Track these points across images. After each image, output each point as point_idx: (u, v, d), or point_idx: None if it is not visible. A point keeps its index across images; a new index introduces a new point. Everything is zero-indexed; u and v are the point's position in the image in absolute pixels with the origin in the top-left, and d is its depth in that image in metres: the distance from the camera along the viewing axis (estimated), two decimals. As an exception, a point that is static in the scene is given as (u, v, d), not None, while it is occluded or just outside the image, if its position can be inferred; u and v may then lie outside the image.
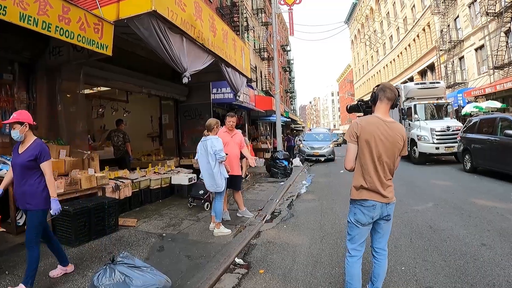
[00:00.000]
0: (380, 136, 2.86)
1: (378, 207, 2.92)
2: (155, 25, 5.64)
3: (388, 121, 2.92)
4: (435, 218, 6.32)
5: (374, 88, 3.09)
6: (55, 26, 4.40)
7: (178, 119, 12.55)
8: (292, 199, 8.96)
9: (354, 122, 2.98)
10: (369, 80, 58.03)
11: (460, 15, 26.84)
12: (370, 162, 2.89)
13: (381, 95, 2.96)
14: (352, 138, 2.94)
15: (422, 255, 4.55)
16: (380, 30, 48.85)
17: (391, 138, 2.88)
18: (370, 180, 2.90)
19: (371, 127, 2.88)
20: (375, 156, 2.87)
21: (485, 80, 23.23)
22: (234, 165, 6.45)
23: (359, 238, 3.05)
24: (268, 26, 30.80)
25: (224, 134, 6.49)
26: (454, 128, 14.66)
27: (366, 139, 2.86)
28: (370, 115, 3.02)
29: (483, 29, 23.10)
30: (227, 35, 9.03)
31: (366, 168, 2.91)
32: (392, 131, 2.89)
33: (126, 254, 3.18)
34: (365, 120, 2.95)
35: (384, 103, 2.96)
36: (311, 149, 20.62)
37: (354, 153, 2.96)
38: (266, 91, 29.47)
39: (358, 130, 2.89)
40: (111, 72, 8.31)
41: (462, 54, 27.03)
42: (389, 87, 2.98)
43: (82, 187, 5.51)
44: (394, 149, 2.91)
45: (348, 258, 3.09)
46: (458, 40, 26.97)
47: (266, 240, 5.51)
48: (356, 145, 2.93)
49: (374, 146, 2.86)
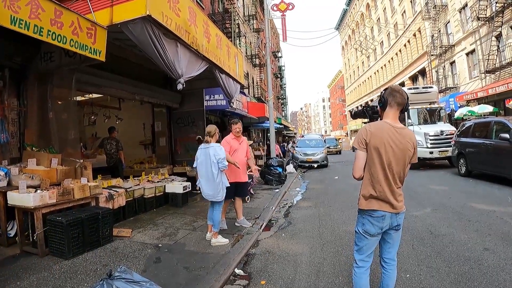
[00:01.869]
0: (391, 143, 2.74)
1: (388, 217, 2.80)
2: (149, 30, 5.52)
3: (399, 127, 2.81)
4: (435, 223, 6.25)
5: (382, 92, 2.96)
6: (47, 30, 4.26)
7: (171, 126, 12.40)
8: (289, 206, 8.85)
9: (363, 129, 2.85)
10: (360, 85, 58.44)
11: (451, 20, 27.17)
12: (380, 170, 2.76)
13: (390, 100, 2.84)
14: (361, 145, 2.81)
15: (426, 262, 4.47)
16: (371, 36, 49.23)
17: (401, 145, 2.76)
18: (380, 189, 2.77)
19: (381, 133, 2.76)
20: (386, 164, 2.75)
21: (476, 84, 23.47)
22: (242, 172, 6.36)
23: (367, 249, 2.92)
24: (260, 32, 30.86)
25: (233, 141, 6.44)
26: (448, 132, 14.77)
27: (376, 146, 2.74)
28: (380, 121, 2.91)
29: (474, 34, 23.38)
30: (221, 41, 8.93)
31: (375, 176, 2.78)
32: (402, 138, 2.78)
33: (124, 269, 3.02)
34: (375, 126, 2.81)
35: (393, 108, 2.84)
36: (304, 156, 20.55)
37: (363, 160, 2.83)
38: (258, 97, 29.44)
39: (367, 137, 2.77)
40: (104, 78, 8.15)
41: (453, 59, 27.31)
42: (398, 91, 2.86)
43: (75, 197, 5.31)
44: (405, 157, 2.79)
45: (356, 269, 2.97)
46: (449, 45, 27.25)
47: (265, 249, 5.38)
48: (365, 153, 2.80)
49: (384, 154, 2.74)
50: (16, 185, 4.92)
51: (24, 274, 4.18)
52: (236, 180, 6.25)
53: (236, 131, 6.47)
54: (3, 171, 5.12)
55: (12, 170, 5.26)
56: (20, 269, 4.33)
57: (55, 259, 4.68)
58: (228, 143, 6.29)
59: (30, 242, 4.95)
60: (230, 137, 6.46)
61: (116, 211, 6.51)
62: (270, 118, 16.48)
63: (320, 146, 22.17)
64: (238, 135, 6.53)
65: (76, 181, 5.64)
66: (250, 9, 29.74)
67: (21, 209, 4.83)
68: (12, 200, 4.82)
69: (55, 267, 4.40)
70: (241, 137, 6.63)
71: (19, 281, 3.99)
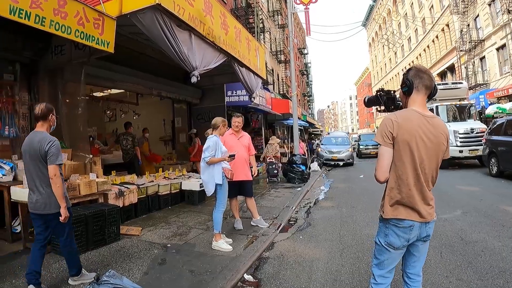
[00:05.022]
0: (422, 136, 2.23)
1: (416, 228, 2.30)
2: (160, 20, 5.28)
3: (429, 116, 2.29)
4: (466, 228, 5.71)
5: (405, 75, 2.41)
6: (49, 20, 4.07)
7: (191, 122, 12.25)
8: (310, 206, 8.43)
9: (387, 119, 2.30)
10: (387, 83, 56.94)
11: (480, 14, 25.82)
12: (410, 170, 2.25)
13: (418, 82, 2.31)
14: (386, 139, 2.27)
15: (456, 273, 3.96)
16: (398, 31, 47.91)
17: (435, 139, 2.25)
18: (409, 194, 2.26)
19: (411, 124, 2.23)
20: (417, 162, 2.23)
21: (507, 81, 22.18)
22: (241, 169, 5.88)
23: (388, 263, 2.43)
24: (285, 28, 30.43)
25: (231, 136, 6.02)
26: (478, 131, 13.89)
27: (406, 141, 2.22)
28: (407, 109, 2.37)
29: (505, 28, 22.08)
30: (241, 33, 8.62)
31: (404, 178, 2.26)
32: (435, 129, 2.26)
33: (113, 273, 2.76)
34: (402, 116, 2.28)
35: (421, 93, 2.32)
36: (329, 153, 20.09)
37: (389, 159, 2.29)
38: (283, 94, 29.01)
39: (394, 129, 2.24)
40: (119, 73, 8.03)
41: (483, 54, 26.02)
42: (425, 72, 2.34)
43: (81, 193, 5.11)
44: (438, 152, 2.29)
45: (374, 286, 2.48)
46: (479, 40, 25.97)
47: (279, 253, 5.00)
48: (391, 149, 2.28)
49: (416, 150, 2.22)
50: (22, 180, 4.77)
51: (22, 271, 3.95)
52: (237, 178, 5.73)
53: (235, 125, 6.05)
54: (9, 165, 5.00)
55: (19, 164, 5.12)
56: (19, 266, 4.16)
57: (56, 257, 4.48)
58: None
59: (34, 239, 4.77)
60: (228, 132, 6.00)
61: (127, 208, 6.33)
62: (294, 114, 16.03)
63: (345, 144, 21.62)
64: (237, 130, 6.10)
65: (84, 177, 5.46)
66: (275, 5, 29.30)
67: (24, 204, 4.66)
68: (15, 195, 4.68)
69: (55, 266, 4.22)
70: (241, 132, 6.19)
71: (15, 278, 3.83)
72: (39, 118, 3.57)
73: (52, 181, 3.40)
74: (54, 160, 3.40)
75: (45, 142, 3.41)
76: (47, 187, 3.46)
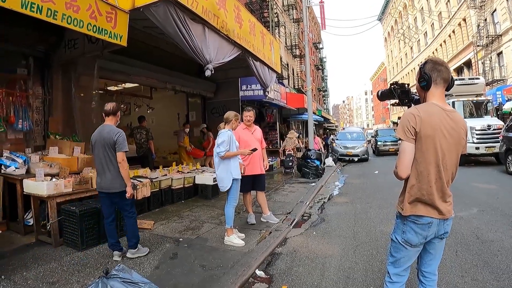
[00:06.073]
0: (444, 131, 2.14)
1: (435, 225, 2.22)
2: (173, 13, 5.21)
3: (449, 111, 2.20)
4: (482, 226, 5.51)
5: (422, 68, 2.29)
6: (61, 14, 4.02)
7: (206, 116, 12.21)
8: (324, 201, 8.30)
9: (408, 114, 2.21)
10: (403, 78, 55.89)
11: (497, 8, 24.97)
12: (432, 166, 2.15)
13: (435, 76, 2.21)
14: (408, 134, 2.18)
15: (471, 273, 3.80)
16: (414, 26, 47.00)
17: (455, 134, 2.17)
18: (429, 191, 2.17)
19: (433, 119, 2.14)
20: (440, 158, 2.14)
21: (526, 77, 21.50)
22: (257, 163, 5.86)
23: (405, 261, 2.36)
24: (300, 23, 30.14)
25: (244, 131, 5.93)
26: (495, 127, 13.48)
27: (429, 136, 2.13)
28: (428, 103, 2.26)
29: (523, 23, 21.32)
30: (255, 27, 8.51)
31: (426, 174, 2.17)
32: (455, 124, 2.18)
33: (123, 267, 2.71)
34: (425, 110, 2.19)
35: (440, 86, 2.22)
36: (344, 149, 19.84)
37: (411, 155, 2.20)
38: (298, 88, 28.77)
39: (416, 124, 2.14)
40: (133, 66, 8.02)
41: (500, 50, 25.16)
42: (442, 64, 2.24)
43: (93, 186, 5.11)
44: (459, 148, 2.21)
45: (389, 285, 2.41)
46: (496, 35, 25.16)
47: (292, 248, 4.91)
48: (413, 145, 2.18)
49: (438, 145, 2.13)
50: (34, 173, 4.80)
51: (33, 264, 4.04)
52: (252, 172, 5.76)
53: (247, 119, 5.96)
54: (21, 158, 5.02)
55: (32, 158, 5.16)
56: (31, 259, 4.19)
57: (68, 250, 4.52)
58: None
59: (46, 232, 4.80)
60: (241, 127, 5.93)
61: (140, 202, 6.31)
62: (309, 109, 15.85)
63: (360, 139, 21.34)
64: (249, 124, 6.01)
65: (96, 170, 5.46)
66: (289, -1, 29.08)
67: (36, 197, 4.70)
68: (28, 188, 4.70)
69: (66, 259, 4.23)
70: (253, 126, 6.11)
71: (26, 271, 3.84)
72: (109, 113, 4.32)
73: (120, 165, 4.12)
74: (121, 147, 4.12)
75: (113, 133, 4.12)
76: (113, 170, 4.13)
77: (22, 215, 5.01)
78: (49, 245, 4.64)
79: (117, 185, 4.14)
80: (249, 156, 5.53)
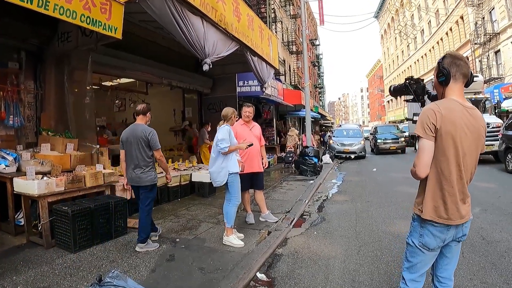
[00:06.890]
0: (465, 128, 2.02)
1: (453, 227, 2.12)
2: (170, 5, 5.00)
3: (469, 107, 2.08)
4: (486, 226, 5.39)
5: (440, 63, 2.17)
6: (53, 4, 3.80)
7: (202, 112, 12.01)
8: (323, 200, 8.16)
9: (428, 109, 2.09)
10: (399, 75, 56.07)
11: (495, 6, 25.02)
12: (454, 166, 2.04)
13: (455, 71, 2.09)
14: (428, 132, 2.05)
15: (479, 275, 3.67)
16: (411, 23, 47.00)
17: (476, 131, 2.05)
18: (451, 192, 2.05)
19: (454, 116, 2.02)
20: (461, 157, 2.03)
21: (523, 75, 21.51)
22: (255, 160, 5.70)
23: (421, 266, 2.24)
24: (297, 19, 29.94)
25: (242, 127, 5.77)
26: (494, 125, 13.43)
27: (450, 133, 2.01)
28: (447, 99, 2.13)
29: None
30: (253, 21, 8.32)
31: (447, 174, 2.05)
32: (476, 121, 2.06)
33: (117, 274, 2.53)
34: (445, 106, 2.06)
35: (459, 82, 2.11)
36: (341, 146, 19.71)
37: (431, 153, 2.08)
38: (294, 85, 28.59)
39: (437, 121, 2.02)
40: (128, 61, 7.78)
41: (498, 48, 25.27)
42: (461, 59, 2.12)
43: (87, 185, 4.90)
44: (478, 146, 2.09)
45: None
46: (494, 33, 25.20)
47: (293, 249, 4.75)
48: (433, 142, 2.06)
49: (459, 143, 2.01)
50: (25, 171, 4.58)
51: (23, 267, 3.84)
52: (250, 170, 5.58)
53: (246, 115, 5.80)
54: (12, 156, 4.80)
55: (23, 155, 4.95)
56: (21, 262, 4.00)
57: (60, 251, 4.32)
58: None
59: (38, 232, 4.60)
60: (239, 123, 5.77)
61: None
62: (306, 105, 15.71)
63: (357, 136, 21.25)
64: (248, 120, 5.85)
65: (90, 168, 5.27)
66: (287, -6, 28.83)
67: (27, 197, 4.49)
68: (18, 187, 4.48)
69: (58, 261, 4.04)
70: (252, 122, 5.96)
71: (16, 275, 3.65)
72: (140, 113, 4.67)
73: (159, 160, 4.70)
74: (157, 145, 4.56)
75: (147, 132, 4.50)
76: (143, 166, 4.50)
77: (13, 215, 4.80)
78: (41, 247, 4.44)
79: (145, 180, 4.49)
80: (246, 152, 5.36)
